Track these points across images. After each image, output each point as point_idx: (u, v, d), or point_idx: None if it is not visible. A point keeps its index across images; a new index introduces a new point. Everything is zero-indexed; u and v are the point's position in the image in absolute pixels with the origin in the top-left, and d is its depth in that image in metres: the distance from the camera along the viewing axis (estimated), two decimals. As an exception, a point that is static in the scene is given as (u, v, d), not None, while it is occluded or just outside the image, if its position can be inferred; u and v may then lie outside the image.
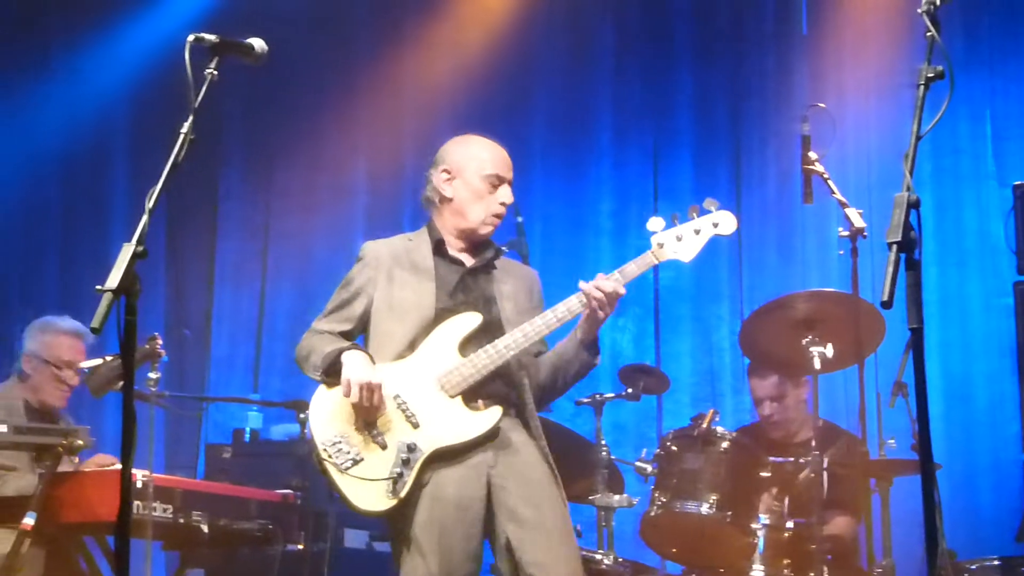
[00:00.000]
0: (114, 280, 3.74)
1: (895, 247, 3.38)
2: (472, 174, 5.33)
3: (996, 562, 6.60)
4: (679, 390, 9.18)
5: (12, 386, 7.23)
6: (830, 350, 6.49)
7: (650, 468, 6.87)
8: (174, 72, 4.05)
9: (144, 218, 3.85)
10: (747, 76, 9.95)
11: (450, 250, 5.35)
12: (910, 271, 3.41)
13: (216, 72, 4.15)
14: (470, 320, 5.20)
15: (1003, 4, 9.36)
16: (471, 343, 5.17)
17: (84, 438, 6.34)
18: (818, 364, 6.46)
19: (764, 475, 6.76)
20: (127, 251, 3.79)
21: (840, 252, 6.43)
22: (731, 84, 10.00)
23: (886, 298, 3.33)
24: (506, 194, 5.34)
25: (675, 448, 6.82)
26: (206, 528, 6.70)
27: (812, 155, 6.44)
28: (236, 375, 10.14)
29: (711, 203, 5.21)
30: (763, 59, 9.91)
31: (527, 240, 6.38)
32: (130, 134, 9.94)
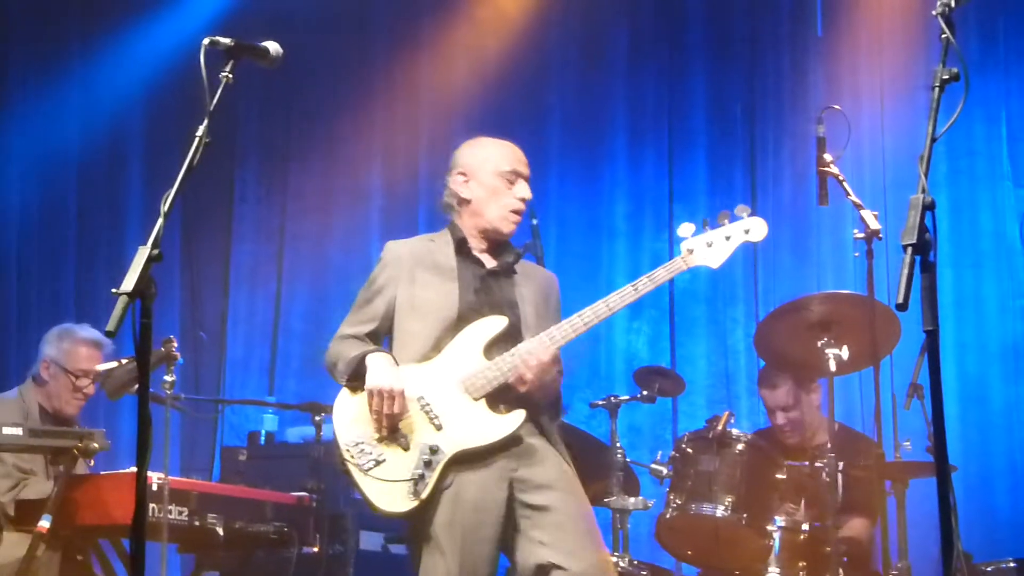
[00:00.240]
0: (129, 283, 3.74)
1: (910, 249, 3.37)
2: (487, 173, 5.34)
3: (1012, 564, 6.60)
4: (694, 392, 9.17)
5: (28, 390, 7.23)
6: (845, 352, 6.48)
7: (665, 470, 6.87)
8: (190, 75, 4.06)
9: (159, 221, 3.85)
10: (762, 78, 9.94)
11: (472, 251, 5.36)
12: (925, 273, 3.39)
13: (231, 76, 4.15)
14: (496, 323, 5.20)
15: (1018, 5, 9.34)
16: (495, 346, 5.17)
17: (100, 441, 6.36)
18: (833, 366, 6.45)
19: (779, 477, 6.75)
20: (142, 254, 3.80)
21: (855, 254, 6.42)
22: (746, 86, 9.98)
23: (901, 300, 3.32)
24: (523, 189, 5.35)
25: (690, 450, 6.82)
26: (222, 531, 6.71)
27: (827, 157, 6.42)
28: (251, 378, 10.14)
29: (743, 209, 5.18)
30: (778, 61, 9.90)
31: (542, 243, 6.37)
32: (146, 138, 9.94)
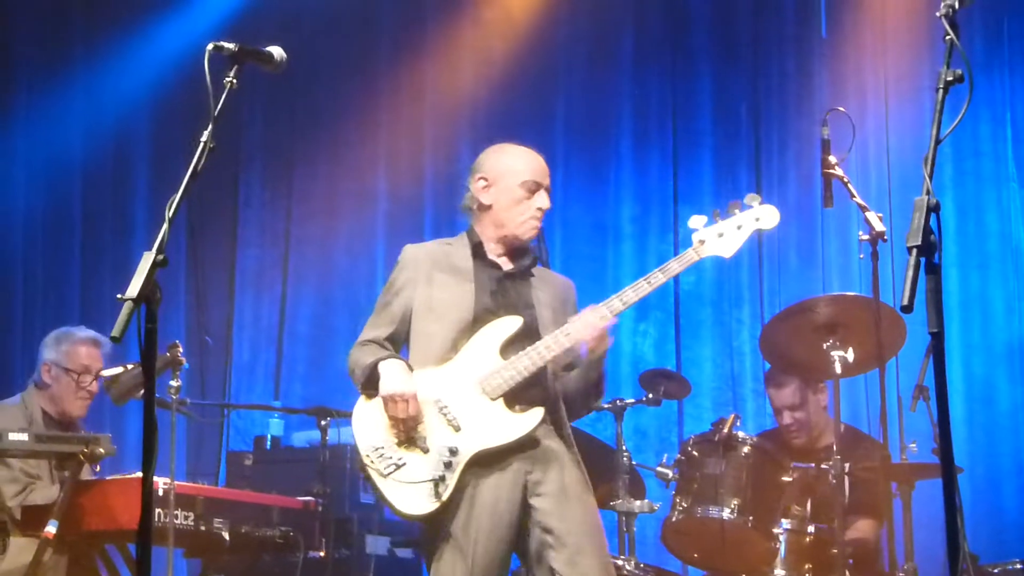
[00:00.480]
0: (134, 289, 3.73)
1: (915, 251, 3.37)
2: (509, 181, 5.34)
3: (1019, 566, 6.60)
4: (700, 395, 9.16)
5: (31, 396, 7.20)
6: (851, 354, 6.47)
7: (671, 473, 6.86)
8: (195, 80, 4.05)
9: (164, 227, 3.85)
10: (767, 80, 9.94)
11: (489, 254, 5.37)
12: (930, 275, 3.39)
13: (236, 81, 4.14)
14: (511, 323, 5.20)
15: (1023, 6, 9.34)
16: (511, 347, 5.17)
17: (105, 446, 6.35)
18: (839, 368, 6.44)
19: (786, 479, 6.74)
20: (147, 260, 3.79)
21: (861, 256, 6.41)
22: (751, 88, 9.99)
23: (906, 302, 3.32)
24: (543, 199, 5.35)
25: (696, 453, 6.81)
26: (228, 535, 6.71)
27: (832, 159, 6.41)
28: (257, 382, 10.14)
29: (753, 198, 5.18)
30: (783, 62, 9.90)
31: (547, 245, 6.38)
32: (151, 142, 9.92)
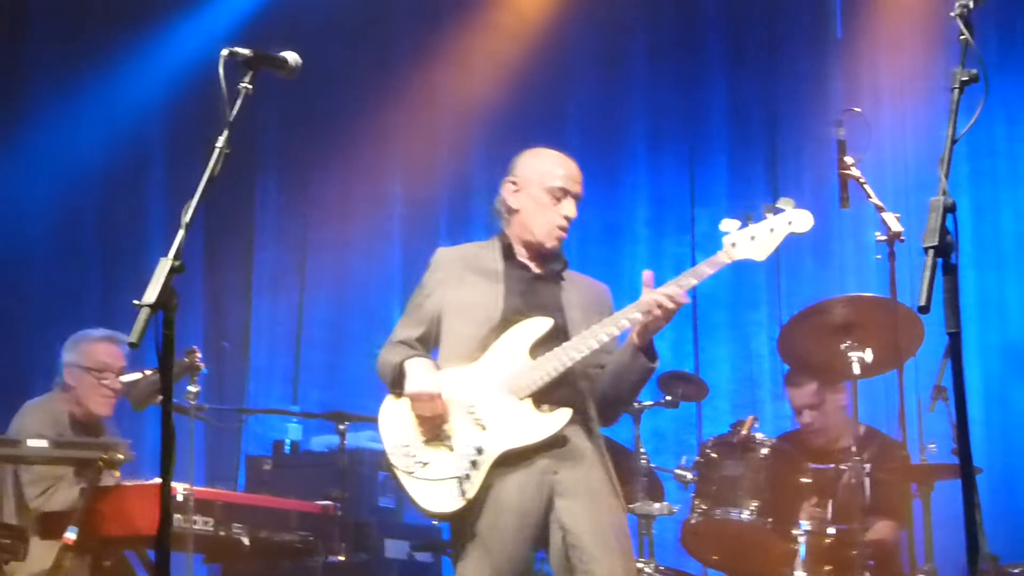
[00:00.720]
0: (151, 295, 3.73)
1: (931, 252, 3.36)
2: (537, 186, 5.35)
3: (1039, 566, 6.58)
4: (718, 397, 9.15)
5: (55, 399, 7.22)
6: (869, 355, 6.47)
7: (690, 475, 6.86)
8: (211, 84, 4.05)
9: (180, 232, 3.85)
10: (782, 80, 9.94)
11: (518, 256, 5.38)
12: (947, 275, 3.39)
13: (250, 86, 4.15)
14: (541, 324, 5.20)
15: (1038, 6, 9.34)
16: (540, 347, 5.16)
17: (124, 452, 6.36)
18: (857, 369, 6.44)
19: (805, 481, 6.74)
20: (164, 266, 3.79)
21: (878, 256, 6.40)
22: (766, 89, 9.98)
23: (923, 303, 3.32)
24: (570, 207, 5.35)
25: (715, 455, 6.81)
26: (247, 540, 6.72)
27: (848, 159, 6.41)
28: (275, 387, 10.15)
29: (786, 202, 5.09)
30: (798, 63, 9.89)
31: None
32: (168, 147, 9.94)
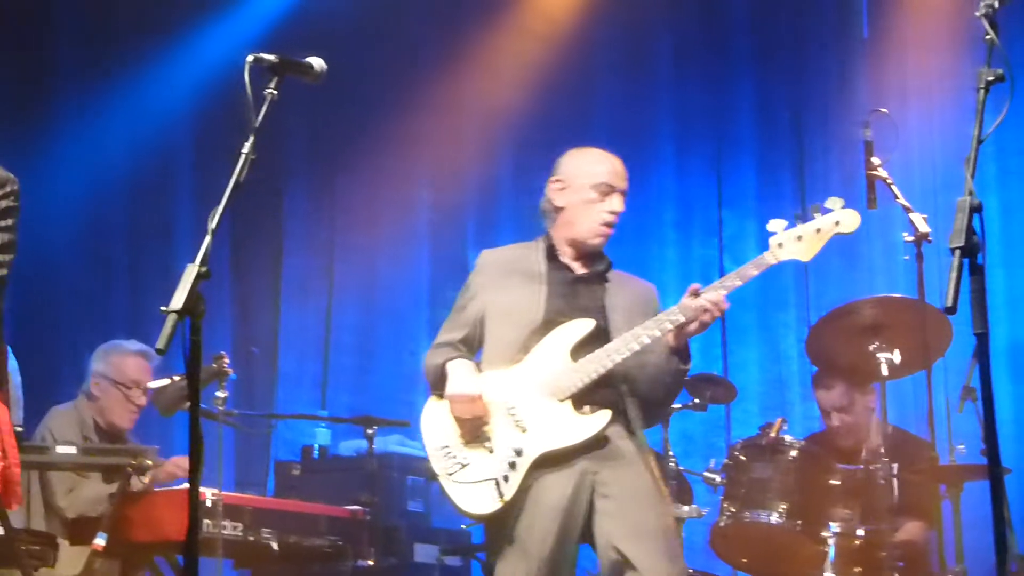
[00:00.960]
0: (178, 301, 3.74)
1: (958, 252, 3.36)
2: (582, 183, 5.33)
3: (1070, 567, 6.55)
4: (747, 399, 9.13)
5: (81, 406, 7.26)
6: (897, 356, 6.46)
7: (719, 478, 6.86)
8: (237, 90, 4.06)
9: (207, 238, 3.85)
10: (808, 81, 9.91)
11: (562, 257, 5.37)
12: (974, 276, 3.38)
13: (276, 92, 4.15)
14: (583, 326, 5.18)
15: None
16: (582, 349, 5.15)
17: (152, 458, 6.38)
18: (886, 370, 6.43)
19: (834, 483, 6.73)
20: (191, 272, 3.80)
21: (905, 257, 6.39)
22: (792, 90, 9.96)
23: (950, 304, 3.31)
24: (616, 202, 5.32)
25: (744, 458, 6.80)
26: (276, 545, 6.74)
27: (875, 160, 6.41)
28: (304, 392, 10.16)
29: (834, 202, 5.05)
30: (824, 64, 9.87)
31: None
32: (195, 153, 9.95)
